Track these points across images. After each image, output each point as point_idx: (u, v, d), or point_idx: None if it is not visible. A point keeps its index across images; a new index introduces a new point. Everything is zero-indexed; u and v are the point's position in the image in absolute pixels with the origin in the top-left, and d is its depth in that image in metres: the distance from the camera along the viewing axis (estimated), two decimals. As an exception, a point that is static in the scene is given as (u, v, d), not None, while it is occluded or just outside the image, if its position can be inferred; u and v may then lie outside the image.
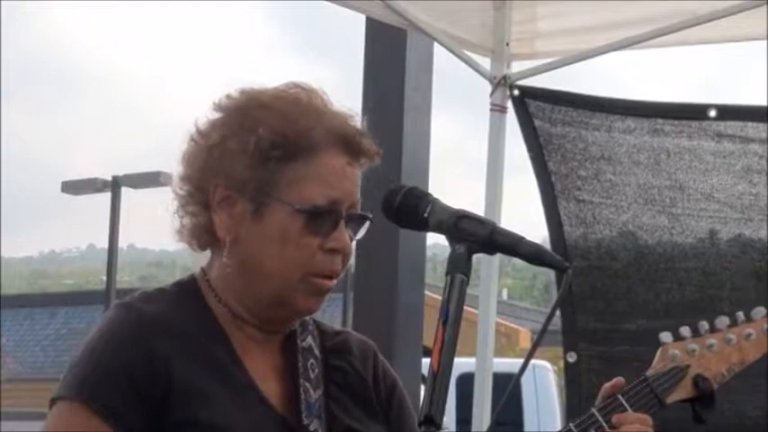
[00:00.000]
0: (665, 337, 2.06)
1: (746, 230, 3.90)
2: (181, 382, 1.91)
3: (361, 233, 2.05)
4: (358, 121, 2.05)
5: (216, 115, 2.04)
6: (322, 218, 1.98)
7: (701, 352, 2.04)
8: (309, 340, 2.10)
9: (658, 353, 2.05)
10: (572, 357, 3.99)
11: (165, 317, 1.97)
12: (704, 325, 2.07)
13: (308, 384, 2.04)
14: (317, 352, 2.09)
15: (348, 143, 2.01)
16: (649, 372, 2.05)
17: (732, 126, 3.90)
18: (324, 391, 2.05)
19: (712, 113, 3.91)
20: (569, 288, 3.91)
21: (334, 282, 2.01)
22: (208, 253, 2.08)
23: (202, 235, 2.03)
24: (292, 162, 1.97)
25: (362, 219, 2.04)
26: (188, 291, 2.05)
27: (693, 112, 3.96)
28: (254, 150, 1.97)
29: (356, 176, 2.03)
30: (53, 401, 1.94)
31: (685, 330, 2.06)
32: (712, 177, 3.93)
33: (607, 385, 2.06)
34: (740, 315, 2.08)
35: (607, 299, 4.02)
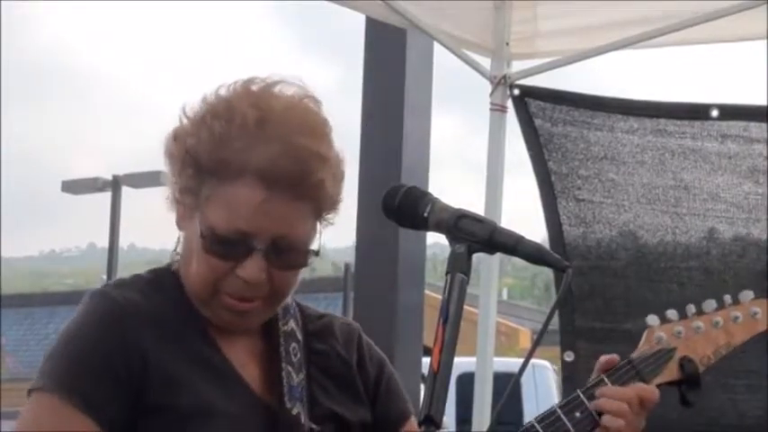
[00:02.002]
0: (652, 320, 2.05)
1: (754, 230, 3.91)
2: (158, 370, 1.90)
3: (301, 265, 1.98)
4: (300, 155, 1.92)
5: (188, 118, 2.02)
6: (229, 244, 1.94)
7: (687, 334, 2.04)
8: (291, 324, 2.08)
9: (644, 335, 2.05)
10: (569, 357, 3.98)
11: (141, 303, 1.95)
12: (691, 308, 2.06)
13: (290, 368, 2.02)
14: (299, 335, 2.08)
15: (272, 176, 1.91)
16: (635, 354, 2.05)
17: (735, 126, 3.91)
18: (306, 374, 2.04)
19: (714, 113, 3.91)
20: (569, 287, 3.92)
21: (253, 304, 1.97)
22: None
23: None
24: (215, 181, 1.94)
25: (304, 251, 1.97)
26: (164, 276, 2.03)
27: (695, 112, 3.96)
28: (190, 159, 1.96)
29: (278, 211, 1.93)
30: (30, 392, 1.93)
31: (672, 313, 2.05)
32: (717, 177, 3.93)
33: (603, 359, 2.05)
34: (727, 298, 2.08)
35: (606, 298, 4.01)
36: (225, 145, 1.93)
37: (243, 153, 1.92)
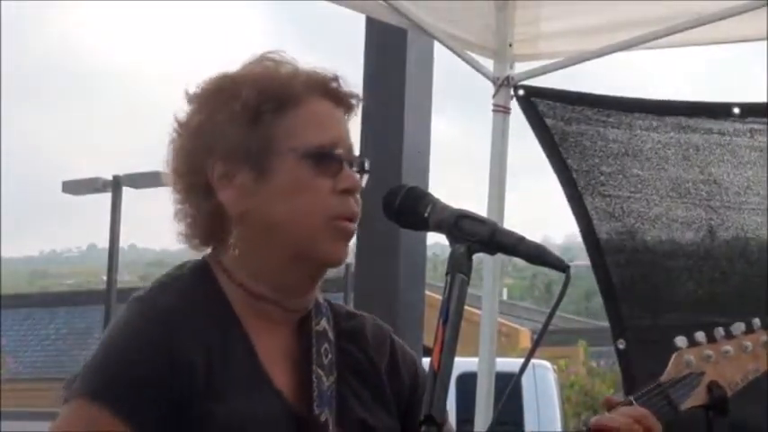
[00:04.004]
0: (680, 341, 2.02)
1: None
2: (201, 379, 1.88)
3: (364, 182, 2.04)
4: (329, 70, 2.03)
5: (191, 105, 2.02)
6: (328, 159, 1.96)
7: (716, 358, 2.01)
8: (324, 323, 2.06)
9: (673, 358, 2.02)
10: (622, 344, 4.04)
11: (183, 309, 1.93)
12: (720, 331, 2.04)
13: (320, 371, 2.00)
14: (330, 335, 2.06)
15: (327, 88, 2.00)
16: (663, 377, 2.02)
17: (759, 122, 3.94)
18: (336, 378, 2.02)
19: (736, 111, 3.94)
20: (609, 280, 4.00)
21: (355, 225, 1.99)
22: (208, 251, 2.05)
23: (214, 222, 1.99)
24: (283, 113, 1.96)
25: (361, 166, 2.03)
26: (201, 275, 2.00)
27: (716, 111, 3.98)
28: (242, 113, 1.95)
29: (345, 121, 2.03)
30: (69, 398, 1.89)
31: (700, 336, 2.03)
32: (747, 170, 3.96)
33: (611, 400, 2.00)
34: (756, 322, 2.06)
35: (648, 288, 4.08)
36: (274, 79, 1.97)
37: (293, 79, 1.97)
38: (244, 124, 1.96)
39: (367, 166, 2.04)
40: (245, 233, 1.97)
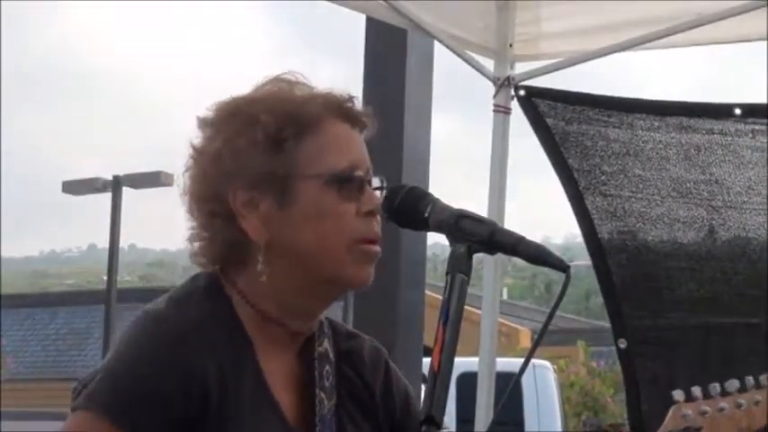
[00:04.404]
0: (678, 395, 2.05)
1: None
2: (213, 402, 1.87)
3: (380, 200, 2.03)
4: (343, 91, 2.02)
5: (207, 130, 2.00)
6: (350, 183, 1.95)
7: (712, 414, 2.04)
8: (326, 344, 2.05)
9: (671, 411, 2.05)
10: (623, 344, 4.04)
11: (200, 330, 1.90)
12: (715, 387, 2.06)
13: (323, 395, 2.00)
14: (331, 356, 2.05)
15: (343, 110, 1.99)
16: (662, 430, 2.04)
17: (760, 123, 3.94)
18: (336, 401, 2.02)
19: (737, 112, 3.94)
20: (610, 280, 4.01)
21: (378, 247, 1.99)
22: None
23: (233, 248, 1.96)
24: (303, 138, 1.95)
25: (378, 185, 2.02)
26: (216, 294, 1.97)
27: (718, 111, 3.99)
28: (263, 139, 1.93)
29: (361, 141, 2.02)
30: (79, 408, 1.86)
31: (697, 390, 2.05)
32: (749, 171, 3.97)
33: None
34: (749, 380, 2.08)
35: (649, 288, 4.08)
36: (291, 103, 1.96)
37: (310, 101, 1.97)
38: (265, 151, 1.94)
39: (384, 183, 2.02)
40: (272, 260, 1.95)
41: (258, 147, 1.94)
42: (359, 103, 2.03)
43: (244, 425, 1.89)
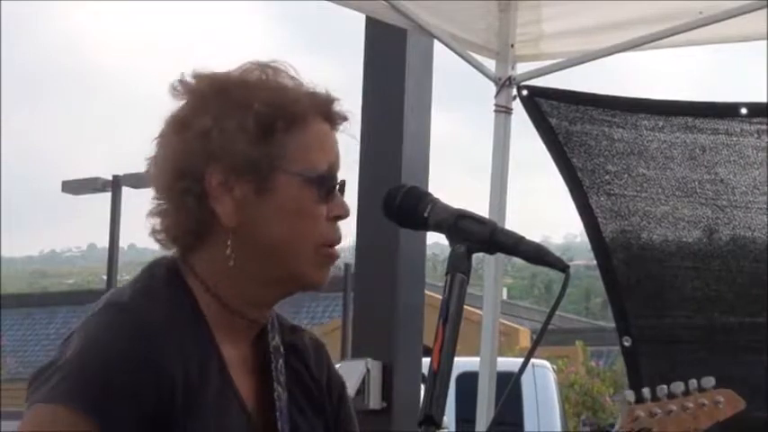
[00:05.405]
0: (629, 395, 2.14)
1: None
2: (180, 395, 1.85)
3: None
4: (330, 92, 2.02)
5: (188, 99, 1.97)
6: (328, 185, 1.95)
7: (662, 416, 2.14)
8: (277, 338, 2.05)
9: (625, 411, 2.14)
10: (627, 342, 4.05)
11: (166, 322, 1.89)
12: (663, 389, 2.15)
13: (279, 388, 2.00)
14: (282, 350, 2.05)
15: (328, 110, 1.99)
16: (616, 429, 2.13)
17: (765, 123, 3.95)
18: (288, 393, 2.01)
19: (743, 111, 3.94)
20: (614, 279, 4.02)
21: (339, 251, 1.98)
22: None
23: (200, 228, 1.94)
24: (291, 132, 1.94)
25: (343, 184, 2.01)
26: (177, 283, 1.96)
27: (724, 111, 3.99)
28: (254, 126, 1.92)
29: (337, 144, 2.01)
30: (43, 401, 1.81)
31: (646, 392, 2.14)
32: (754, 170, 3.97)
33: None
34: (693, 383, 2.17)
35: (654, 287, 4.09)
36: (284, 96, 1.95)
37: (300, 98, 1.96)
38: (253, 139, 1.92)
39: (344, 183, 2.02)
40: (239, 246, 1.94)
41: (247, 133, 1.92)
42: (341, 105, 2.02)
43: (211, 419, 1.88)
